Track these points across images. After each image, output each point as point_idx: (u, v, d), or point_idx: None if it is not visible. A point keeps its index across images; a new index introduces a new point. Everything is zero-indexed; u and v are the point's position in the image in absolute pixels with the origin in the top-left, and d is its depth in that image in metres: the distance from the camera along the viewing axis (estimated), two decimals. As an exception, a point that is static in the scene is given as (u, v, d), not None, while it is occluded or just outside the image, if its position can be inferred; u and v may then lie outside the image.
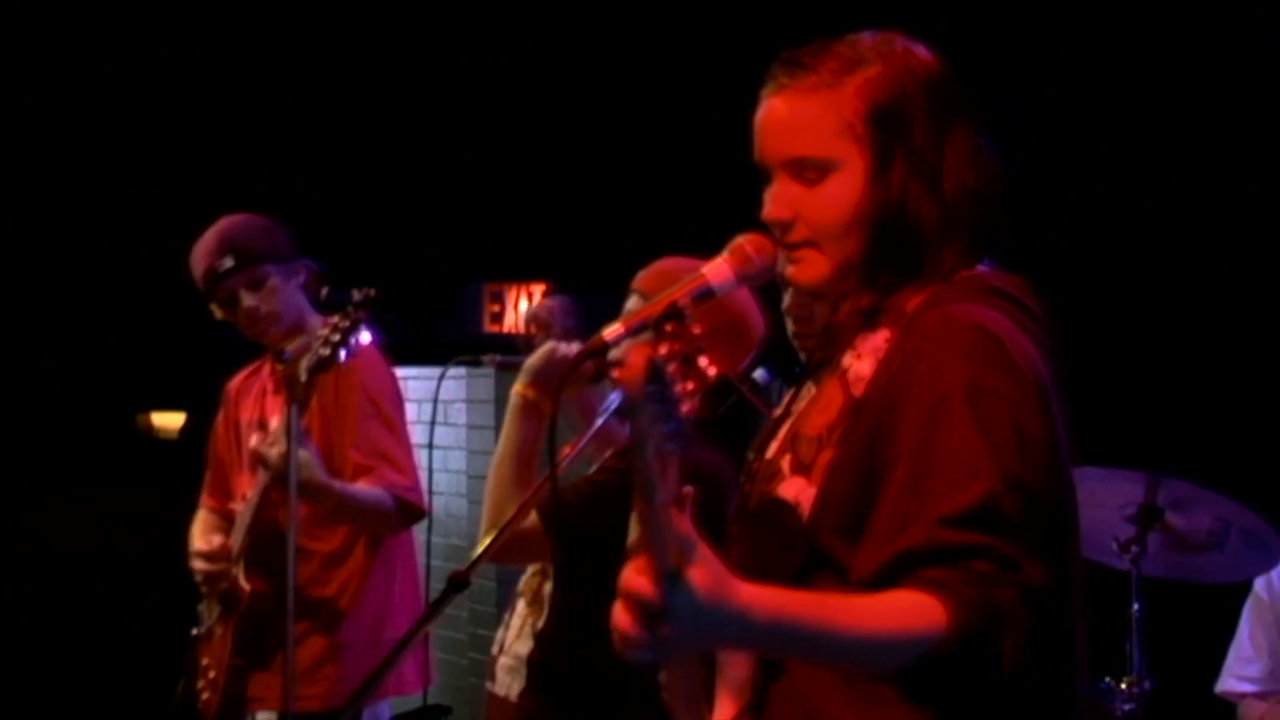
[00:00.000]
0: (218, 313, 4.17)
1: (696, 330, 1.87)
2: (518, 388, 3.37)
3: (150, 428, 7.48)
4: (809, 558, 1.98)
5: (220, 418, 4.40)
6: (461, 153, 6.74)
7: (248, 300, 4.07)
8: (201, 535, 4.25)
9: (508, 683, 3.53)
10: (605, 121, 6.72)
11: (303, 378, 3.74)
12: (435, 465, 7.51)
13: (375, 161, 6.60)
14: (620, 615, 1.72)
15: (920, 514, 1.87)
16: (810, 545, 1.99)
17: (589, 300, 6.79)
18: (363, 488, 4.01)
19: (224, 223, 4.15)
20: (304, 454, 3.80)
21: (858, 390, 2.03)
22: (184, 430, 7.31)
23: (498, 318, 7.15)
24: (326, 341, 3.73)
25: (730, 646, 1.86)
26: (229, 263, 4.06)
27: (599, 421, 2.57)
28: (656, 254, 3.55)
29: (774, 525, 2.06)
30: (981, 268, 2.10)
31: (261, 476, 3.96)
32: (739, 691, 2.09)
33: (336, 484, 3.93)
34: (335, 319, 3.76)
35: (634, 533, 1.95)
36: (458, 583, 2.56)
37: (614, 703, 3.30)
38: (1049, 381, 2.01)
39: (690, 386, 1.73)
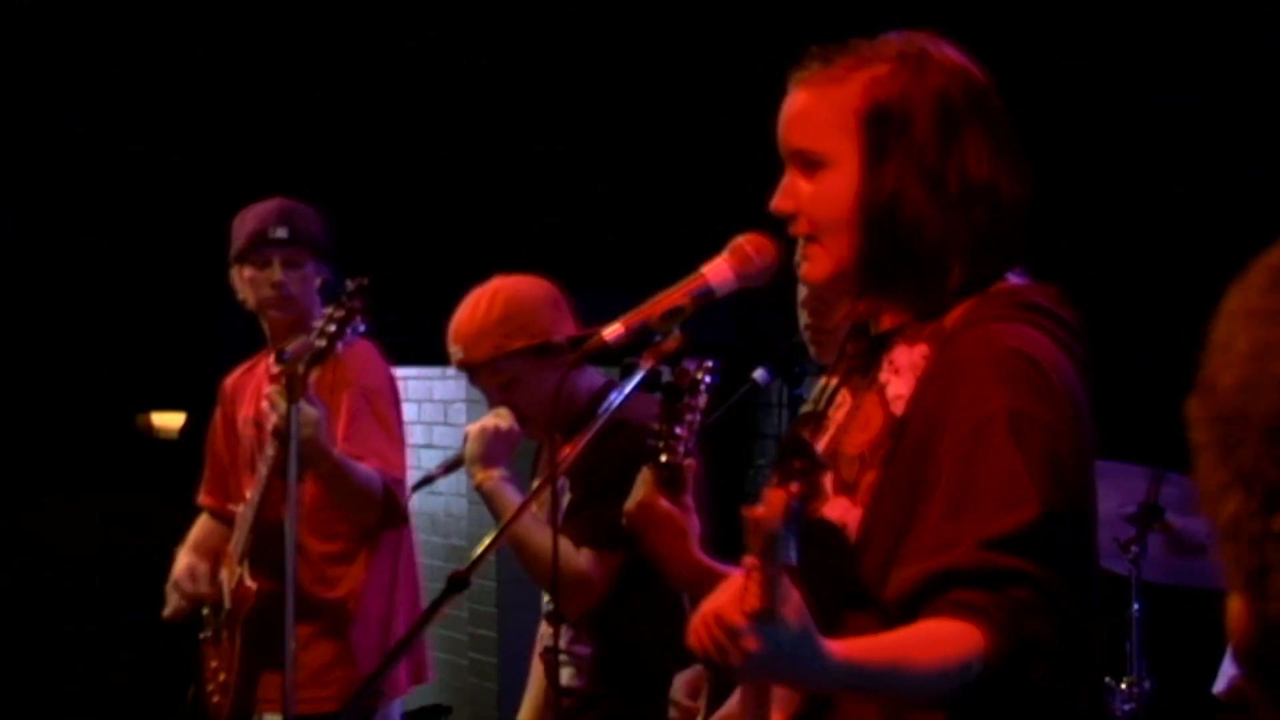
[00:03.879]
0: (240, 275, 4.16)
1: (819, 464, 1.92)
2: (478, 479, 3.48)
3: (150, 428, 7.47)
4: (853, 590, 2.00)
5: (218, 416, 4.39)
6: (462, 153, 6.74)
7: (279, 274, 4.08)
8: (186, 559, 4.25)
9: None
10: (606, 122, 6.71)
11: (299, 369, 3.75)
12: (435, 465, 7.51)
13: (374, 161, 6.59)
14: (709, 634, 1.79)
15: (962, 536, 1.89)
16: (855, 571, 2.01)
17: (589, 300, 6.76)
18: (359, 464, 4.00)
19: (283, 199, 4.18)
20: (311, 411, 3.79)
21: (898, 409, 2.02)
22: (184, 430, 7.30)
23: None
24: (322, 333, 3.74)
25: (808, 682, 1.92)
26: (282, 233, 4.10)
27: (597, 425, 2.57)
28: (657, 254, 3.56)
29: (820, 547, 2.06)
30: (1014, 278, 2.08)
31: (262, 471, 3.95)
32: (786, 704, 2.10)
33: (335, 451, 3.92)
34: (330, 310, 3.77)
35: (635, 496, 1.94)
36: (458, 583, 2.56)
37: None
38: (1084, 400, 2.01)
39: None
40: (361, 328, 3.80)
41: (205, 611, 4.20)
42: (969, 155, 2.05)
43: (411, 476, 4.20)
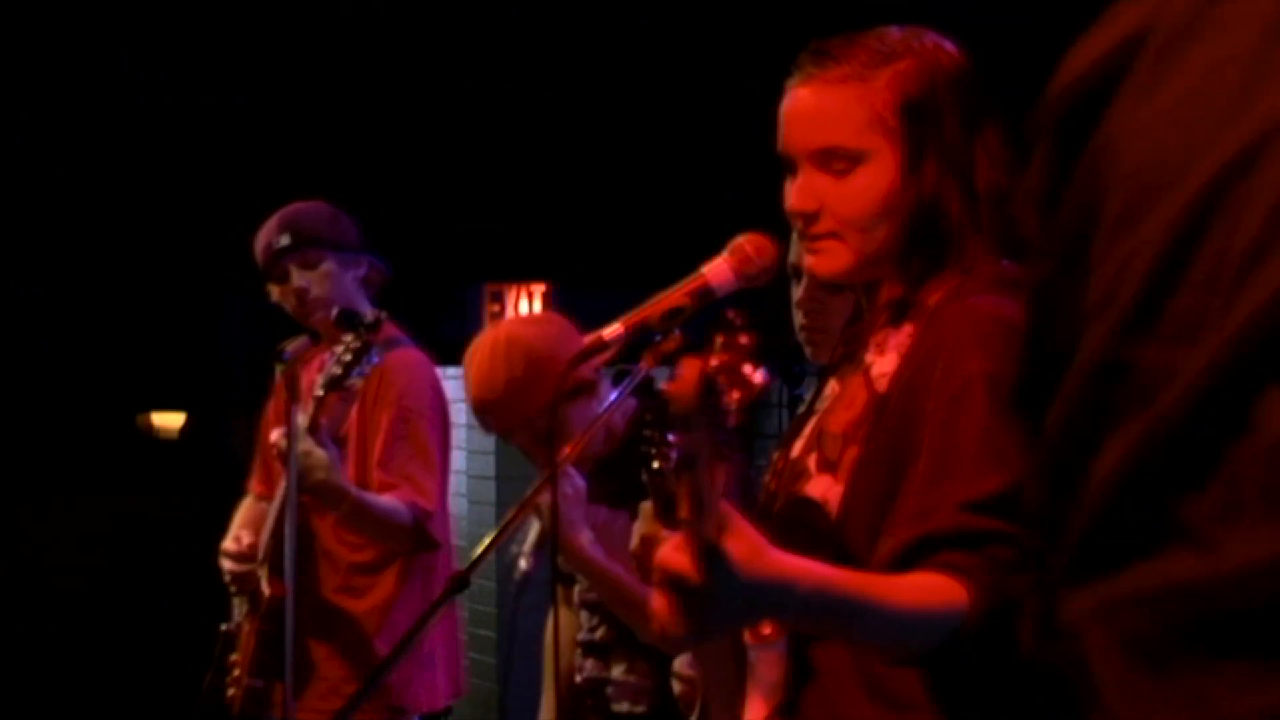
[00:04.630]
0: (274, 293, 4.15)
1: (744, 340, 1.88)
2: (566, 550, 3.19)
3: (150, 428, 7.48)
4: (837, 558, 1.98)
5: (270, 406, 4.37)
6: (462, 153, 6.74)
7: (298, 280, 4.06)
8: (234, 531, 4.21)
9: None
10: (605, 121, 6.71)
11: (319, 393, 3.74)
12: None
13: (374, 161, 6.60)
14: (659, 600, 1.72)
15: (944, 501, 1.88)
16: (839, 545, 1.99)
17: (589, 300, 6.78)
18: (381, 498, 3.92)
19: (291, 205, 4.15)
20: (322, 454, 3.75)
21: (881, 386, 2.02)
22: (184, 430, 7.31)
23: (498, 318, 7.16)
24: (339, 360, 3.72)
25: (768, 616, 1.87)
26: (285, 240, 4.07)
27: (592, 429, 2.57)
28: (656, 254, 3.55)
29: (803, 525, 2.05)
30: (1005, 262, 2.09)
31: (283, 484, 3.94)
32: (770, 692, 2.09)
33: (353, 489, 3.87)
34: (348, 339, 3.75)
35: (638, 531, 1.94)
36: (458, 583, 2.56)
37: None
38: None
39: (737, 396, 1.73)
40: (375, 359, 3.77)
41: (235, 602, 4.17)
42: (988, 147, 2.07)
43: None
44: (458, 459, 7.58)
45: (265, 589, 3.96)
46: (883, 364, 2.04)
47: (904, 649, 1.87)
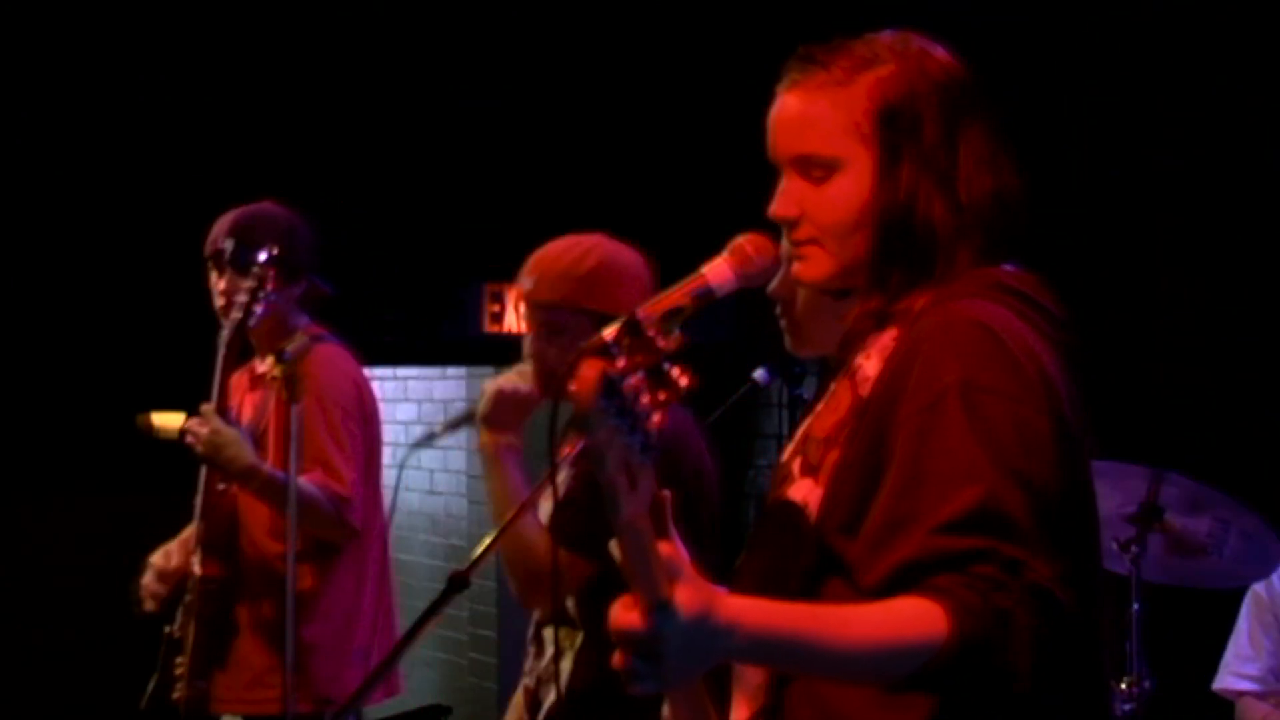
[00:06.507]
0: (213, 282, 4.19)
1: (662, 344, 1.87)
2: (481, 441, 3.31)
3: (150, 428, 7.47)
4: (819, 560, 1.98)
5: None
6: (461, 152, 6.74)
7: (222, 284, 4.09)
8: (167, 546, 4.25)
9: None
10: (604, 121, 6.71)
11: (221, 350, 3.82)
12: (435, 465, 7.52)
13: (374, 161, 6.60)
14: (618, 657, 1.73)
15: (913, 521, 1.86)
16: (819, 547, 1.99)
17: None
18: (299, 480, 3.93)
19: (256, 206, 4.15)
20: (230, 431, 3.82)
21: (864, 390, 2.02)
22: (184, 430, 7.30)
23: (498, 318, 7.16)
24: (239, 304, 3.81)
25: (722, 660, 1.87)
26: (228, 245, 4.09)
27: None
28: (656, 254, 3.55)
29: (785, 527, 2.06)
30: (1005, 267, 2.09)
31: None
32: (754, 695, 2.08)
33: (264, 466, 3.91)
34: (244, 281, 3.84)
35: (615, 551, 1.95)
36: (458, 583, 2.56)
37: None
38: (1059, 378, 1.99)
39: (662, 397, 1.72)
40: (272, 296, 3.83)
41: (180, 607, 4.19)
42: (973, 152, 2.06)
43: (412, 477, 4.20)
44: (458, 459, 7.58)
45: (196, 570, 4.01)
46: (868, 368, 2.05)
47: (876, 679, 1.85)
